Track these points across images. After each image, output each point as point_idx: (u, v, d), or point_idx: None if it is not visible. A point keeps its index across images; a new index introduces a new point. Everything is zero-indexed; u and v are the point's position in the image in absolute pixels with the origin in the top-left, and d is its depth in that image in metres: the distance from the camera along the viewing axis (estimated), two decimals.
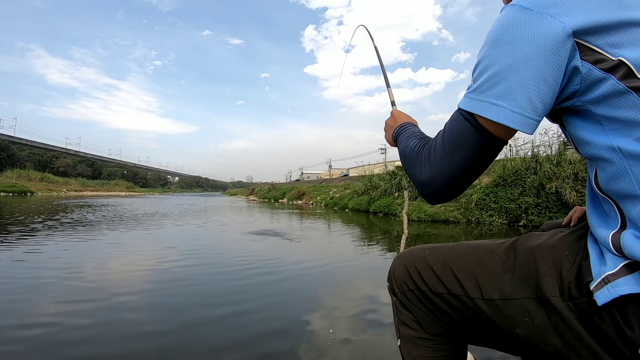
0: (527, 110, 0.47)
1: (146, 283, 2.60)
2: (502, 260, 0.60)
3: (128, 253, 3.84)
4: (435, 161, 0.55)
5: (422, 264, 0.69)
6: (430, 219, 8.10)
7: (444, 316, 0.67)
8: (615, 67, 0.45)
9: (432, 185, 0.56)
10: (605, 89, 0.45)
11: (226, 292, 2.41)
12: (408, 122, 0.76)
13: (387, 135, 0.82)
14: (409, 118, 0.79)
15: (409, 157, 0.62)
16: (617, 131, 0.46)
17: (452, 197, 0.58)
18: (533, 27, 0.46)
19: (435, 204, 0.61)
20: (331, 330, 1.73)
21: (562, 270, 0.53)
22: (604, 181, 0.50)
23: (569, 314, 0.51)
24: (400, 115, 0.80)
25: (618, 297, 0.45)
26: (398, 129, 0.74)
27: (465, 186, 0.56)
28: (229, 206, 15.76)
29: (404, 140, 0.68)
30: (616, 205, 0.50)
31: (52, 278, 2.62)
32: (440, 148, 0.55)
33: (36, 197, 21.76)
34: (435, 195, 0.58)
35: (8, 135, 57.71)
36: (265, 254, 3.89)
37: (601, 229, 0.52)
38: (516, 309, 0.56)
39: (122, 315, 1.91)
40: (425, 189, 0.58)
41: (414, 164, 0.60)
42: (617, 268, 0.47)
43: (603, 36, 0.45)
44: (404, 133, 0.71)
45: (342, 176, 36.54)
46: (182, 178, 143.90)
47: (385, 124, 0.84)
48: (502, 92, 0.48)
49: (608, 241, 0.50)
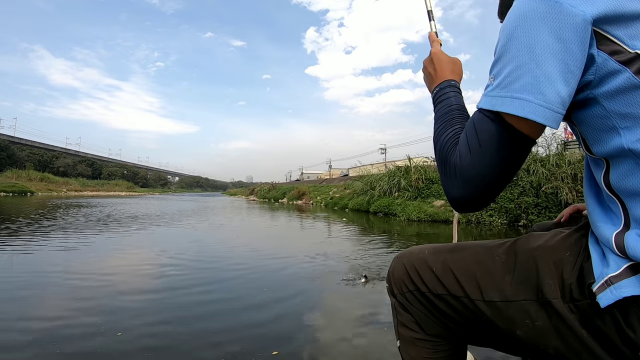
0: (555, 104, 0.45)
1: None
2: (502, 261, 0.60)
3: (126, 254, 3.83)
4: (462, 173, 0.51)
5: (422, 264, 0.69)
6: (430, 219, 8.10)
7: (444, 317, 0.66)
8: (632, 60, 0.43)
9: (460, 200, 0.53)
10: (620, 82, 0.44)
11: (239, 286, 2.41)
12: (450, 81, 0.67)
13: (427, 85, 0.73)
14: (453, 65, 0.69)
15: (439, 155, 0.57)
16: (629, 129, 0.45)
17: (483, 207, 0.54)
18: (553, 17, 0.44)
19: (465, 212, 0.58)
20: (331, 330, 1.73)
21: (563, 272, 0.52)
22: (616, 179, 0.48)
23: (570, 316, 0.50)
24: (441, 62, 0.69)
25: (621, 299, 0.44)
26: (437, 91, 0.66)
27: (497, 193, 0.53)
28: (230, 206, 15.75)
29: (439, 120, 0.61)
30: (621, 204, 0.49)
31: None
32: (467, 155, 0.51)
33: (36, 197, 21.73)
34: (466, 208, 0.54)
35: (8, 135, 57.66)
36: (264, 251, 3.89)
37: (604, 228, 0.51)
38: (517, 311, 0.55)
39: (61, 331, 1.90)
40: (455, 204, 0.54)
41: (443, 169, 0.55)
42: (620, 270, 0.46)
43: (622, 27, 0.44)
44: (442, 104, 0.63)
45: (342, 176, 36.48)
46: (182, 178, 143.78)
47: (423, 65, 0.73)
48: (526, 85, 0.45)
49: (611, 241, 0.49)
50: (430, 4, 0.81)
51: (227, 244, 4.75)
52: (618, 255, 0.48)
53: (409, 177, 10.48)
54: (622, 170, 0.47)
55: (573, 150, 8.22)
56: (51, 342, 1.54)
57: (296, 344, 1.58)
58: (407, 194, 10.05)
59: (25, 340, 1.55)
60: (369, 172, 16.25)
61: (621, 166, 0.47)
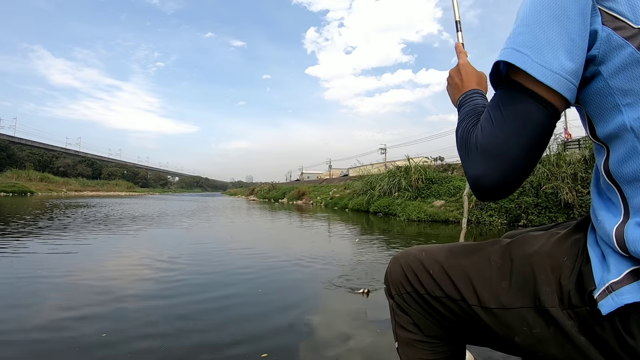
0: (555, 65, 0.46)
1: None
2: (498, 266, 0.59)
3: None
4: (483, 144, 0.50)
5: (419, 266, 0.68)
6: (430, 219, 8.09)
7: (442, 319, 0.66)
8: (636, 35, 0.44)
9: (484, 178, 0.51)
10: (623, 57, 0.44)
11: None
12: (475, 90, 0.66)
13: (450, 96, 0.73)
14: (479, 77, 0.69)
15: (461, 140, 0.56)
16: (630, 106, 0.45)
17: (508, 189, 0.52)
18: None
19: (486, 199, 0.54)
20: (331, 329, 1.72)
21: (561, 278, 0.51)
22: (614, 164, 0.48)
23: (568, 323, 0.50)
24: (469, 74, 0.70)
25: (622, 305, 0.44)
26: (463, 97, 0.66)
27: (521, 173, 0.50)
28: (230, 206, 15.74)
29: (463, 116, 0.61)
30: (620, 192, 0.48)
31: None
32: (488, 125, 0.51)
33: (36, 197, 21.74)
34: (490, 190, 0.52)
35: (8, 135, 57.69)
36: (264, 252, 3.89)
37: (604, 222, 0.50)
38: (514, 318, 0.55)
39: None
40: (478, 185, 0.52)
41: (465, 151, 0.54)
42: (621, 276, 0.45)
43: (625, 3, 0.45)
44: (468, 104, 0.63)
45: (342, 176, 36.49)
46: (182, 178, 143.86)
47: (449, 75, 0.73)
48: (526, 41, 0.47)
49: (612, 236, 0.48)
50: (459, 14, 0.81)
51: (225, 244, 4.74)
52: (619, 254, 0.47)
53: (409, 177, 10.48)
54: (620, 154, 0.47)
55: (573, 150, 8.22)
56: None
57: (286, 346, 1.56)
58: (407, 194, 10.05)
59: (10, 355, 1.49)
60: (369, 172, 16.25)
61: (620, 149, 0.47)
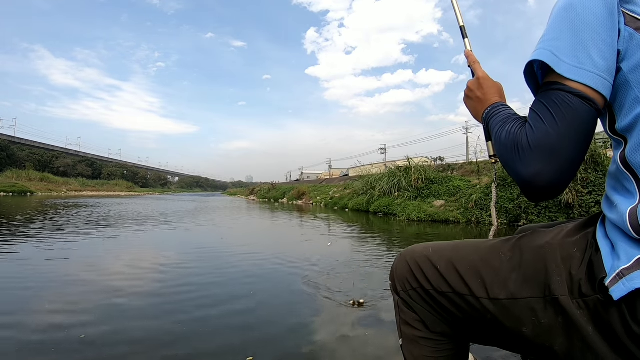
0: (588, 65, 0.50)
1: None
2: (508, 258, 0.60)
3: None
4: (537, 141, 0.51)
5: (426, 262, 0.69)
6: (430, 219, 8.09)
7: (448, 315, 0.66)
8: None
9: (539, 177, 0.51)
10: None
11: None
12: (500, 102, 0.66)
13: (471, 109, 0.72)
14: (498, 89, 0.70)
15: (506, 142, 0.55)
16: None
17: (562, 185, 0.52)
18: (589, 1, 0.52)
19: (541, 198, 0.54)
20: (331, 329, 1.72)
21: (572, 268, 0.53)
22: (630, 151, 0.51)
23: (577, 312, 0.51)
24: (490, 87, 0.69)
25: (633, 290, 0.45)
26: (489, 110, 0.66)
27: (573, 167, 0.51)
28: (230, 206, 15.74)
29: (498, 123, 0.60)
30: (635, 178, 0.51)
31: None
32: (540, 124, 0.51)
33: (36, 197, 21.74)
34: (544, 189, 0.51)
35: (8, 135, 57.61)
36: (261, 252, 3.89)
37: (620, 204, 0.52)
38: (523, 309, 0.56)
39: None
40: (531, 185, 0.52)
41: (514, 151, 0.53)
42: (632, 262, 0.47)
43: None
44: (499, 115, 0.62)
45: (342, 176, 36.49)
46: (182, 178, 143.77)
47: (467, 88, 0.72)
48: (560, 47, 0.52)
49: (625, 219, 0.50)
50: (462, 19, 0.80)
51: (223, 245, 4.74)
52: (630, 240, 0.49)
53: (408, 177, 10.48)
54: (636, 141, 0.50)
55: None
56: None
57: (274, 349, 1.52)
58: (407, 194, 10.05)
59: None
60: (369, 172, 16.25)
61: (637, 137, 0.50)
